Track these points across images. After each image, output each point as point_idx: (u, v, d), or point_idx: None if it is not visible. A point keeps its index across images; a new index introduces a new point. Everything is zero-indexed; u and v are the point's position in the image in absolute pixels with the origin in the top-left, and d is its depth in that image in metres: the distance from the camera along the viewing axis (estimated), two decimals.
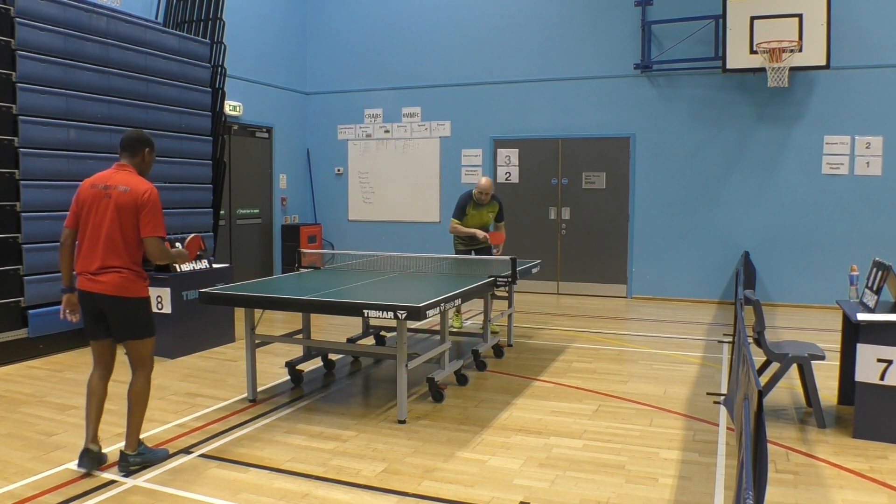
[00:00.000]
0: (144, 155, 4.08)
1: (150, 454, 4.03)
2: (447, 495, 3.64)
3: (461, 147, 11.11)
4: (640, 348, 7.11)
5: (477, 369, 6.13)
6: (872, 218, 9.05)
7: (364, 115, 11.69)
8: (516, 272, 5.99)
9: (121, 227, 3.83)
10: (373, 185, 11.75)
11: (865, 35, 8.93)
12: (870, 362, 4.30)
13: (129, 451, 3.94)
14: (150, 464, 4.00)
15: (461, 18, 10.95)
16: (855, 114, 9.07)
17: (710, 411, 5.00)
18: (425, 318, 4.47)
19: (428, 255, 7.65)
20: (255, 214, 10.95)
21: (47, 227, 6.59)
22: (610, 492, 3.68)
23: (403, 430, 4.62)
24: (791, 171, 9.40)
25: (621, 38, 10.06)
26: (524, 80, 10.65)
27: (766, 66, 8.83)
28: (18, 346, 6.43)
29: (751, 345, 4.32)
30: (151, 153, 4.13)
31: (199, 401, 5.27)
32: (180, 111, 8.26)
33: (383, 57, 11.45)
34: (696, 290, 9.92)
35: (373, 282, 5.87)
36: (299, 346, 6.19)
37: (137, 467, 3.95)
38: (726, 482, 3.77)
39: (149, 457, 4.01)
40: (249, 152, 10.76)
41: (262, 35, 10.86)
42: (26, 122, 6.47)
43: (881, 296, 4.68)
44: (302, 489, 3.72)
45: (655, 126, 10.01)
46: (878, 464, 4.03)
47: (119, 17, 7.64)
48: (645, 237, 10.18)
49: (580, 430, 4.64)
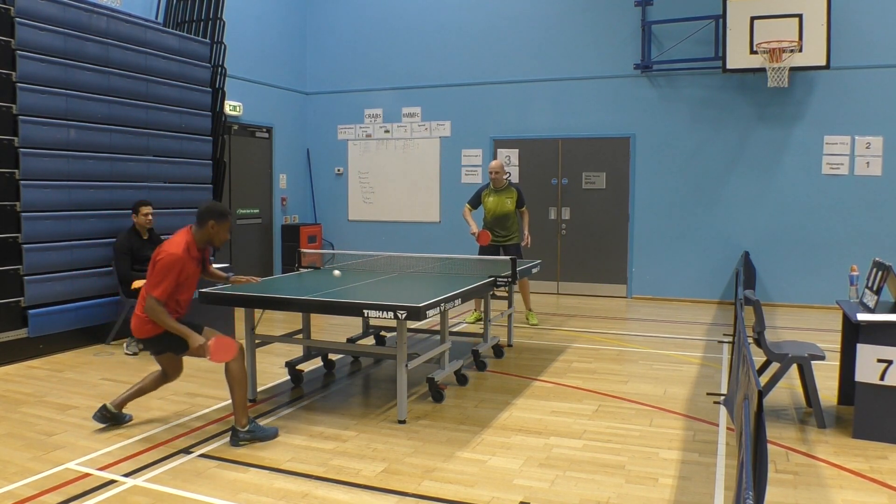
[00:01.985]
0: (209, 227, 4.44)
1: (259, 431, 4.37)
2: (447, 495, 3.64)
3: (461, 147, 11.11)
4: (640, 348, 7.10)
5: (477, 369, 6.13)
6: (872, 218, 9.05)
7: (364, 115, 11.69)
8: (516, 272, 5.99)
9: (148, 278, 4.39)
10: (373, 185, 11.75)
11: (865, 35, 8.93)
12: (870, 362, 4.30)
13: (238, 426, 4.32)
14: (259, 440, 4.34)
15: (461, 18, 10.95)
16: (855, 114, 9.07)
17: (710, 411, 5.00)
18: (425, 318, 4.47)
19: (428, 255, 7.65)
20: (255, 214, 10.95)
21: (47, 227, 6.59)
22: (610, 492, 3.68)
23: (403, 430, 4.62)
24: (791, 171, 9.40)
25: (621, 38, 10.06)
26: (524, 80, 10.65)
27: (766, 66, 8.83)
28: (18, 346, 6.43)
29: (751, 345, 4.31)
30: (217, 226, 4.44)
31: (199, 401, 5.27)
32: (180, 111, 8.26)
33: (383, 57, 11.45)
34: (696, 290, 9.92)
35: (373, 282, 5.86)
36: (299, 346, 6.19)
37: (246, 442, 4.31)
38: (726, 482, 3.77)
39: (258, 434, 4.35)
40: (249, 152, 10.76)
41: (262, 35, 10.86)
42: (26, 122, 6.47)
43: (881, 296, 4.68)
44: (302, 489, 3.72)
45: (655, 126, 10.01)
46: (878, 464, 4.03)
47: (119, 17, 7.64)
48: (645, 237, 10.18)
49: (580, 430, 4.64)
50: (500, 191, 7.83)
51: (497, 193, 7.82)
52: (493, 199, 7.84)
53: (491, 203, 7.86)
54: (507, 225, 7.97)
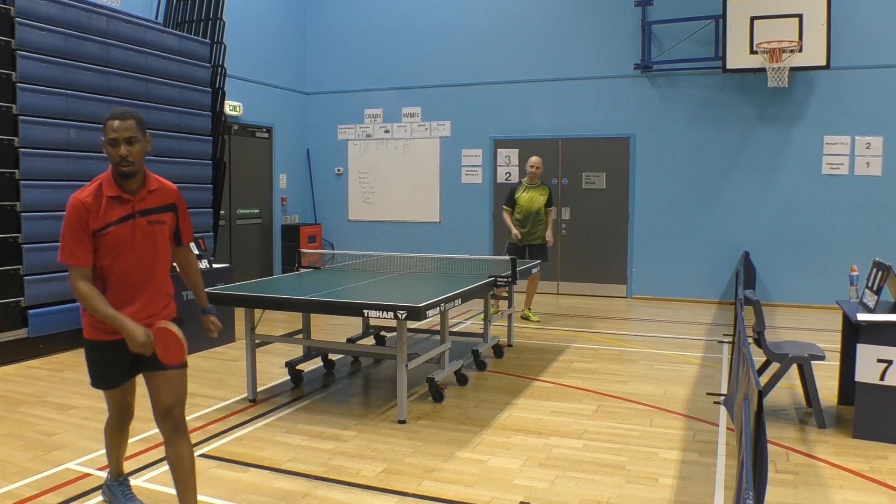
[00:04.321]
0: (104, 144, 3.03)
1: (115, 500, 3.44)
2: (447, 495, 3.64)
3: (461, 147, 11.11)
4: (640, 348, 7.10)
5: (477, 369, 6.13)
6: (872, 218, 9.05)
7: (364, 115, 11.69)
8: (516, 272, 5.99)
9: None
10: (373, 185, 11.75)
11: (865, 35, 8.93)
12: (870, 362, 4.30)
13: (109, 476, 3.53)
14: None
15: (461, 18, 10.94)
16: (855, 114, 9.07)
17: (710, 411, 5.00)
18: (425, 318, 4.47)
19: (428, 255, 7.65)
20: (255, 214, 10.95)
21: (47, 227, 6.58)
22: (610, 492, 3.68)
23: (403, 430, 4.62)
24: (791, 171, 9.40)
25: (621, 38, 10.06)
26: (524, 80, 10.65)
27: (766, 66, 8.83)
28: (18, 346, 6.43)
29: (751, 345, 4.32)
30: (104, 139, 2.98)
31: (199, 401, 5.27)
32: (180, 111, 8.26)
33: (383, 57, 11.45)
34: (696, 290, 9.92)
35: (373, 282, 5.87)
36: (299, 346, 6.19)
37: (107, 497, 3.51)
38: (726, 482, 3.77)
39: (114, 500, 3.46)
40: (249, 152, 10.76)
41: (262, 35, 10.86)
42: (26, 122, 6.47)
43: (881, 296, 4.68)
44: (302, 489, 3.72)
45: (655, 126, 10.01)
46: (878, 464, 4.02)
47: (119, 17, 7.64)
48: (645, 237, 10.18)
49: (580, 430, 4.64)
50: (534, 187, 7.87)
51: (531, 190, 7.85)
52: (527, 195, 7.88)
53: (524, 199, 7.89)
54: (536, 222, 8.00)
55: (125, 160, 2.92)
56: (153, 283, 3.11)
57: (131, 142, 2.93)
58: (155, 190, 3.10)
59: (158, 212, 3.09)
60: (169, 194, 3.16)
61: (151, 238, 3.07)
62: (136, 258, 3.03)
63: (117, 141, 2.92)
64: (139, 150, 2.97)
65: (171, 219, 3.17)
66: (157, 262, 3.11)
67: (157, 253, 3.11)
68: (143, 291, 3.07)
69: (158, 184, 3.13)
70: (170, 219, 3.16)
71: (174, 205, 3.18)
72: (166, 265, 3.19)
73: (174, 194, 3.19)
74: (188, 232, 3.29)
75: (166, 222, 3.14)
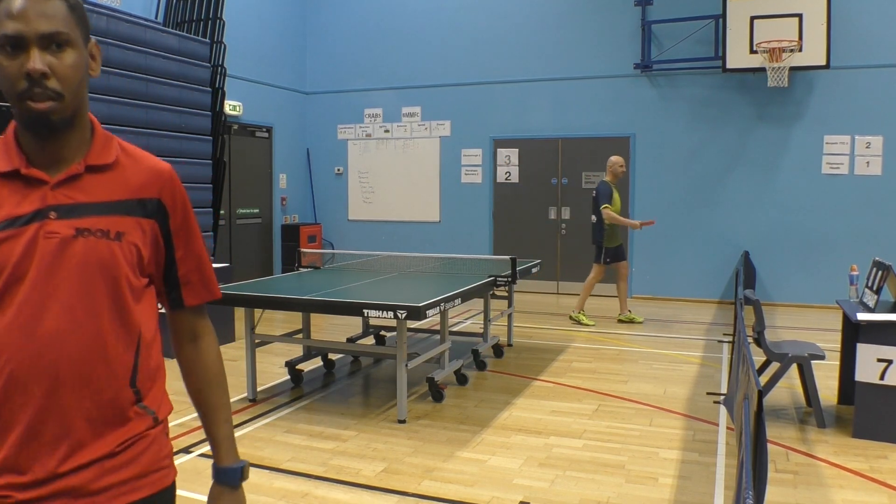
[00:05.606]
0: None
1: None
2: (447, 495, 3.64)
3: (461, 147, 11.11)
4: (640, 348, 7.10)
5: (477, 369, 6.13)
6: (872, 218, 9.05)
7: (364, 115, 11.69)
8: (516, 272, 5.99)
9: None
10: (373, 185, 11.75)
11: (865, 35, 8.92)
12: (870, 362, 4.30)
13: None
14: None
15: (461, 18, 10.94)
16: (855, 114, 9.07)
17: (710, 411, 5.00)
18: (425, 318, 4.47)
19: (428, 255, 7.65)
20: (255, 214, 10.95)
21: None
22: (610, 492, 3.68)
23: (403, 430, 4.62)
24: (791, 171, 9.40)
25: (621, 38, 10.06)
26: (524, 80, 10.65)
27: (765, 66, 8.83)
28: None
29: (751, 345, 4.31)
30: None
31: None
32: (180, 111, 8.25)
33: (383, 57, 11.45)
34: (696, 290, 9.92)
35: (373, 281, 5.87)
36: (299, 346, 6.19)
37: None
38: (726, 482, 3.77)
39: None
40: (249, 152, 10.76)
41: (262, 35, 10.86)
42: None
43: (881, 296, 4.68)
44: (302, 489, 3.72)
45: (655, 126, 10.01)
46: (878, 464, 4.02)
47: (119, 16, 7.63)
48: (645, 237, 10.17)
49: (580, 429, 4.64)
50: (615, 187, 7.95)
51: (617, 189, 7.92)
52: (617, 195, 7.94)
53: (618, 200, 7.95)
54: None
55: (40, 84, 1.25)
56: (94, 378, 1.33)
57: (58, 43, 1.28)
58: (112, 165, 1.40)
59: (109, 211, 1.36)
60: (149, 177, 1.46)
61: (85, 267, 1.31)
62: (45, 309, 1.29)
63: (24, 39, 1.25)
64: (74, 65, 1.30)
65: (148, 231, 1.43)
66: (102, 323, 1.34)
67: (105, 304, 1.34)
68: (62, 400, 1.30)
69: (124, 154, 1.45)
70: (139, 231, 1.40)
71: (157, 202, 1.45)
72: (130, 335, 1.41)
73: (162, 178, 1.49)
74: (197, 271, 1.60)
75: (128, 236, 1.37)
